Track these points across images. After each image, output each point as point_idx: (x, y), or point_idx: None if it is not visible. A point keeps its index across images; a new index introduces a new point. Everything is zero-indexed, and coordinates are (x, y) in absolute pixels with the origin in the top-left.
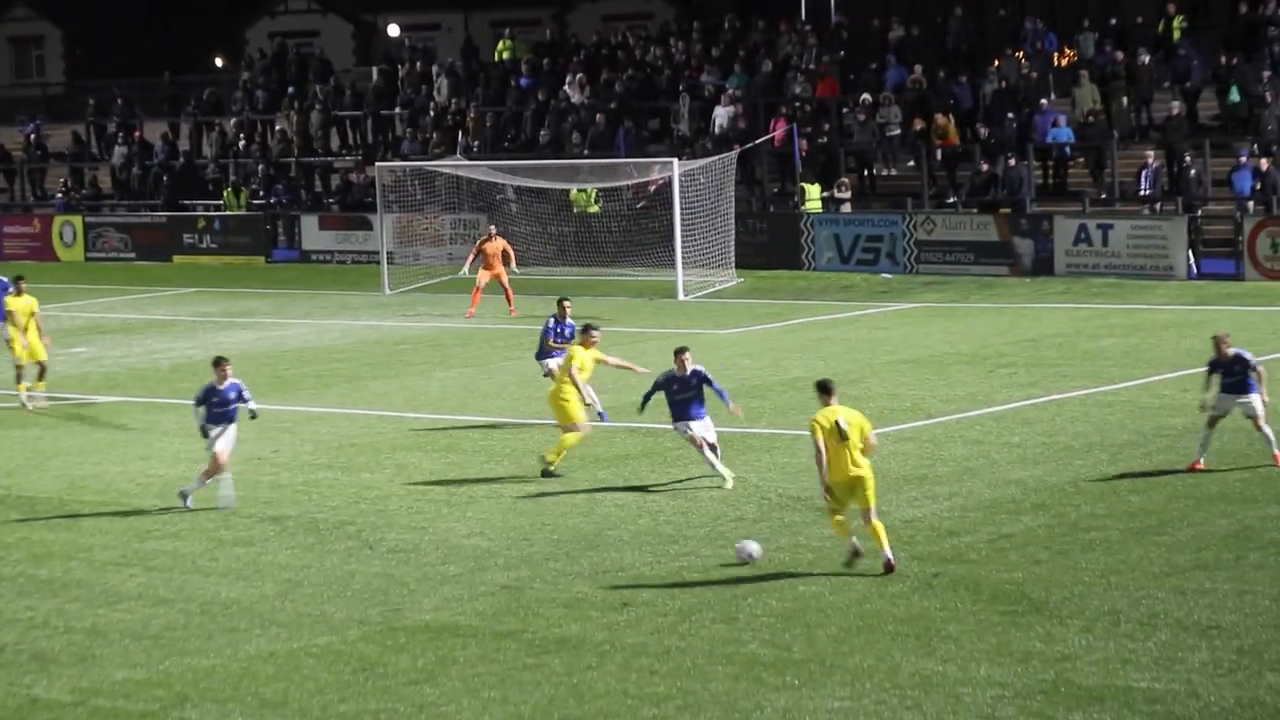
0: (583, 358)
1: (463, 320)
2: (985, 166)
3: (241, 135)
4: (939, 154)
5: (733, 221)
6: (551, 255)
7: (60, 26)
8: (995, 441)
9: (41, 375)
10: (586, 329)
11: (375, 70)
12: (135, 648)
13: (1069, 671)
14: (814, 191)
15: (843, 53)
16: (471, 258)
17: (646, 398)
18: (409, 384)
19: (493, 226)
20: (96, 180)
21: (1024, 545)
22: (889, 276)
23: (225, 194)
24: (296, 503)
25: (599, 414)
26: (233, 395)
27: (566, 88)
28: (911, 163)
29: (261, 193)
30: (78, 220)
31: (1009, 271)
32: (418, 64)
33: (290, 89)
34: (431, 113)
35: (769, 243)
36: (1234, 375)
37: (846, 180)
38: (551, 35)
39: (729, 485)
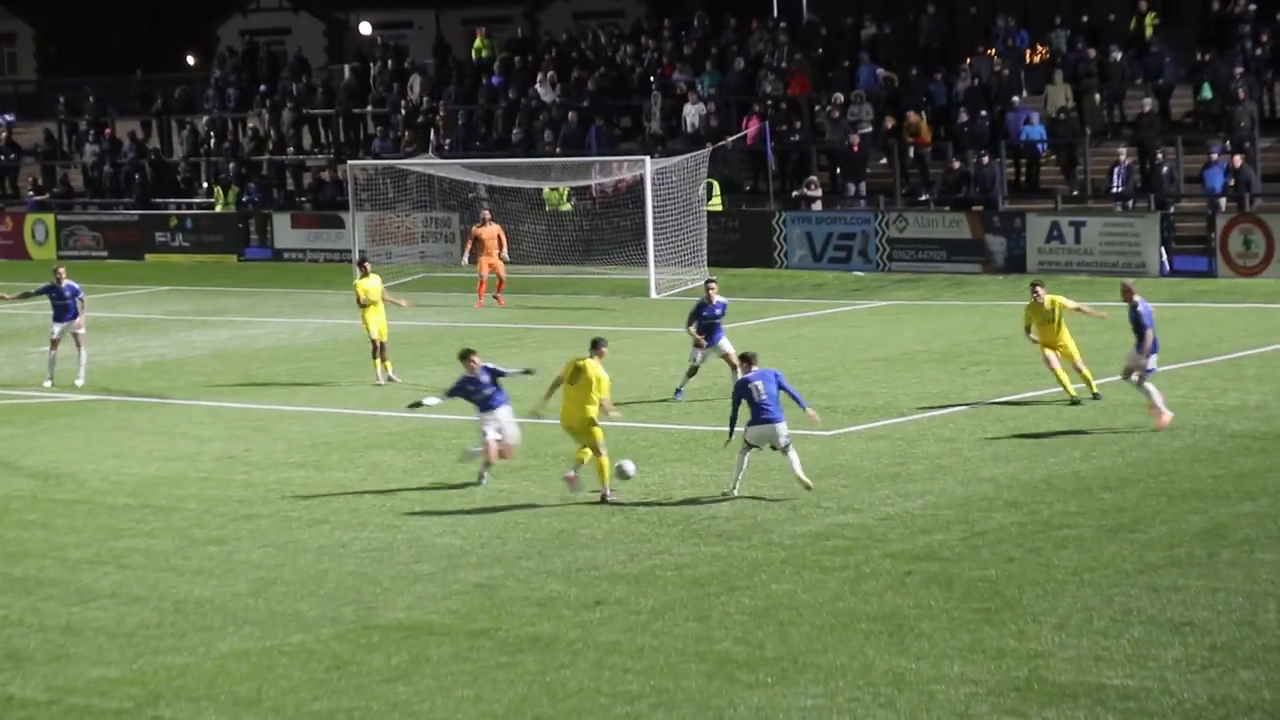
0: (597, 372)
1: (436, 318)
2: (957, 164)
3: (213, 133)
4: (911, 152)
5: (704, 219)
6: (524, 253)
7: (31, 24)
8: (968, 439)
9: None
10: (597, 343)
11: (347, 68)
12: (109, 646)
13: (1042, 669)
14: (716, 188)
15: (816, 50)
16: (469, 246)
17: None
18: (382, 383)
19: (486, 212)
20: (68, 178)
21: (997, 543)
22: (861, 274)
23: (216, 191)
24: (269, 501)
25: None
26: (487, 379)
27: (538, 86)
28: (884, 160)
29: (233, 191)
30: (49, 218)
31: (981, 269)
32: (389, 62)
33: (262, 87)
34: (403, 111)
35: (740, 241)
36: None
37: (815, 178)
38: (523, 33)
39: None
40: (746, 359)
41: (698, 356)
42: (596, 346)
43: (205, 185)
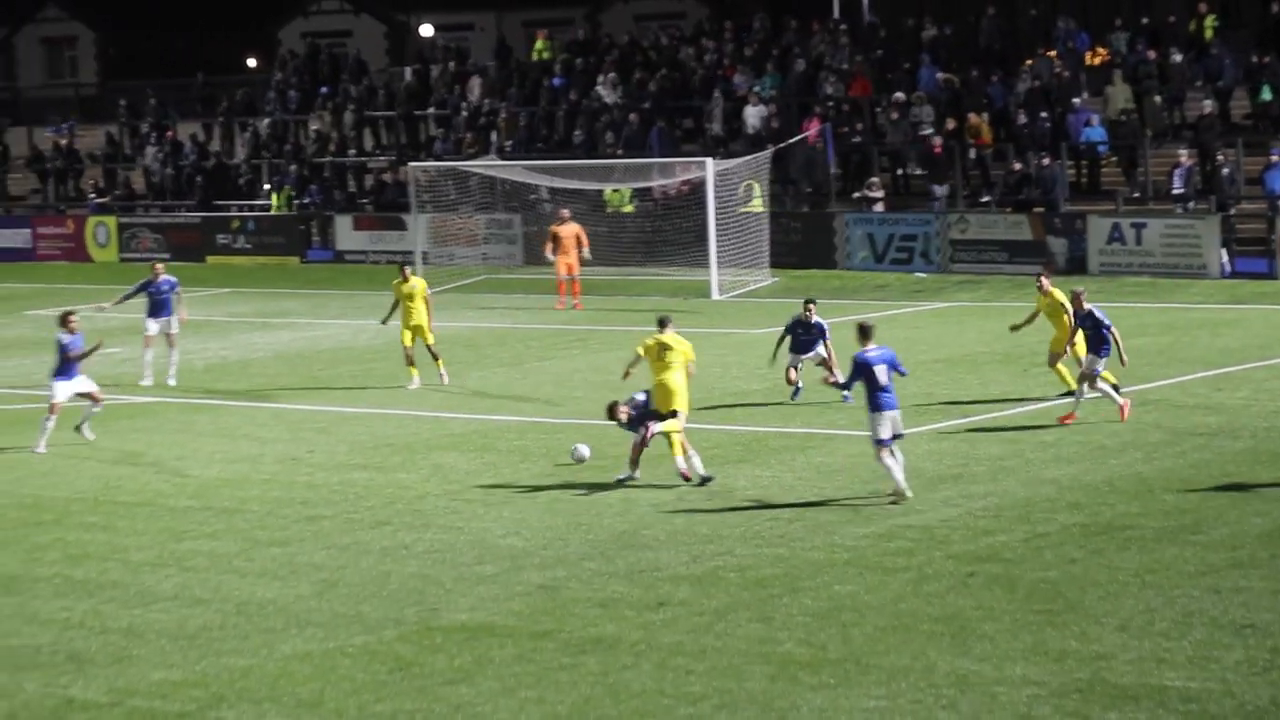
0: (681, 341)
1: (499, 320)
2: (1018, 166)
3: (274, 136)
4: (972, 153)
5: (767, 221)
6: (588, 253)
7: (92, 27)
8: (1030, 440)
9: None
10: (664, 321)
11: (408, 70)
12: (171, 648)
13: (1104, 670)
14: (757, 189)
15: (876, 52)
16: (550, 245)
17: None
18: (444, 384)
19: (565, 210)
20: (130, 181)
21: (1059, 544)
22: (923, 276)
23: (272, 196)
24: (332, 503)
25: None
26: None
27: (599, 87)
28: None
29: (295, 193)
30: (111, 221)
31: (1042, 271)
32: (450, 64)
33: (323, 89)
34: (464, 113)
35: (803, 242)
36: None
37: (877, 179)
38: (584, 35)
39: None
40: (866, 331)
41: (794, 376)
42: (665, 323)
43: (266, 187)
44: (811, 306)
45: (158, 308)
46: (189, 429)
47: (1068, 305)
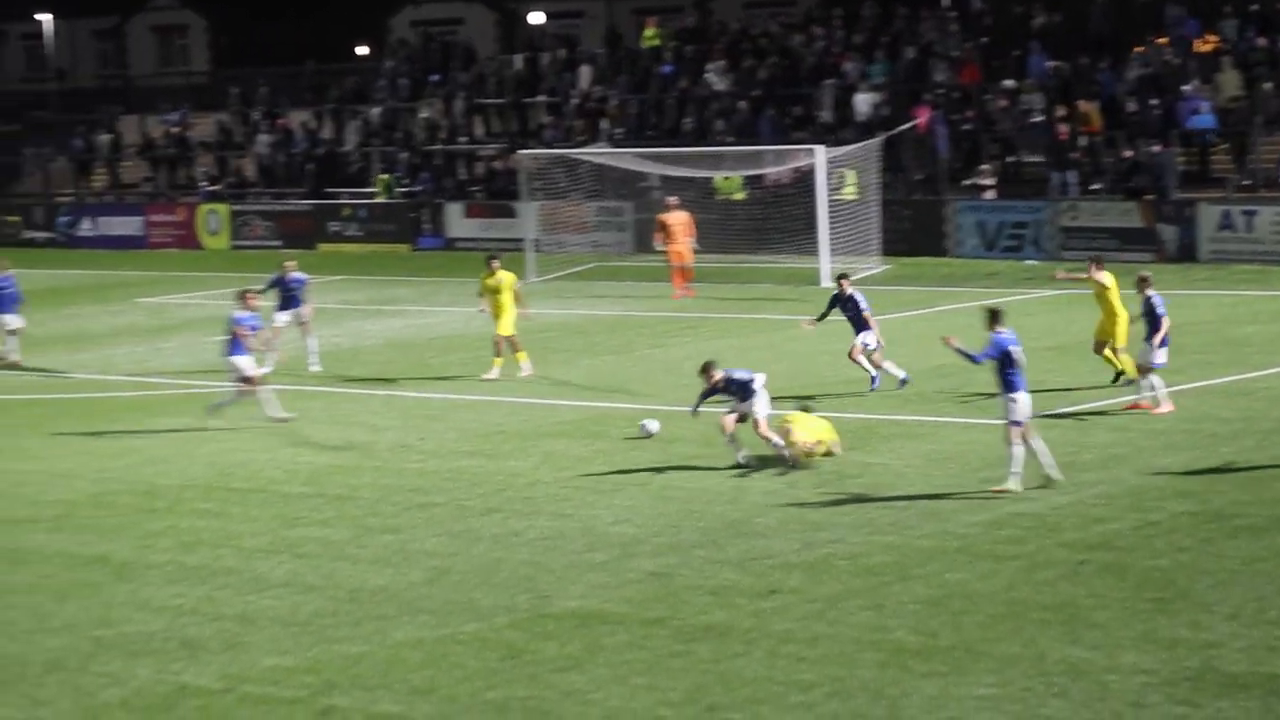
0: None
1: (609, 308)
2: (1128, 153)
3: (385, 124)
4: (1082, 140)
5: (878, 208)
6: (695, 242)
7: (204, 16)
8: (1141, 429)
9: None
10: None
11: (518, 58)
12: (284, 634)
13: (1215, 659)
14: (849, 177)
15: (985, 39)
16: (660, 234)
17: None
18: (555, 371)
19: (673, 198)
20: (241, 169)
21: (1170, 532)
22: (1033, 263)
23: (378, 181)
24: (443, 490)
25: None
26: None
27: (709, 75)
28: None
29: (406, 181)
30: (223, 209)
31: (1153, 258)
32: (560, 51)
33: (433, 77)
34: (574, 100)
35: (913, 230)
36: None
37: (988, 167)
38: (694, 22)
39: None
40: (996, 315)
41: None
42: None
43: (396, 175)
44: (844, 281)
45: (288, 301)
46: (301, 416)
47: (1111, 289)
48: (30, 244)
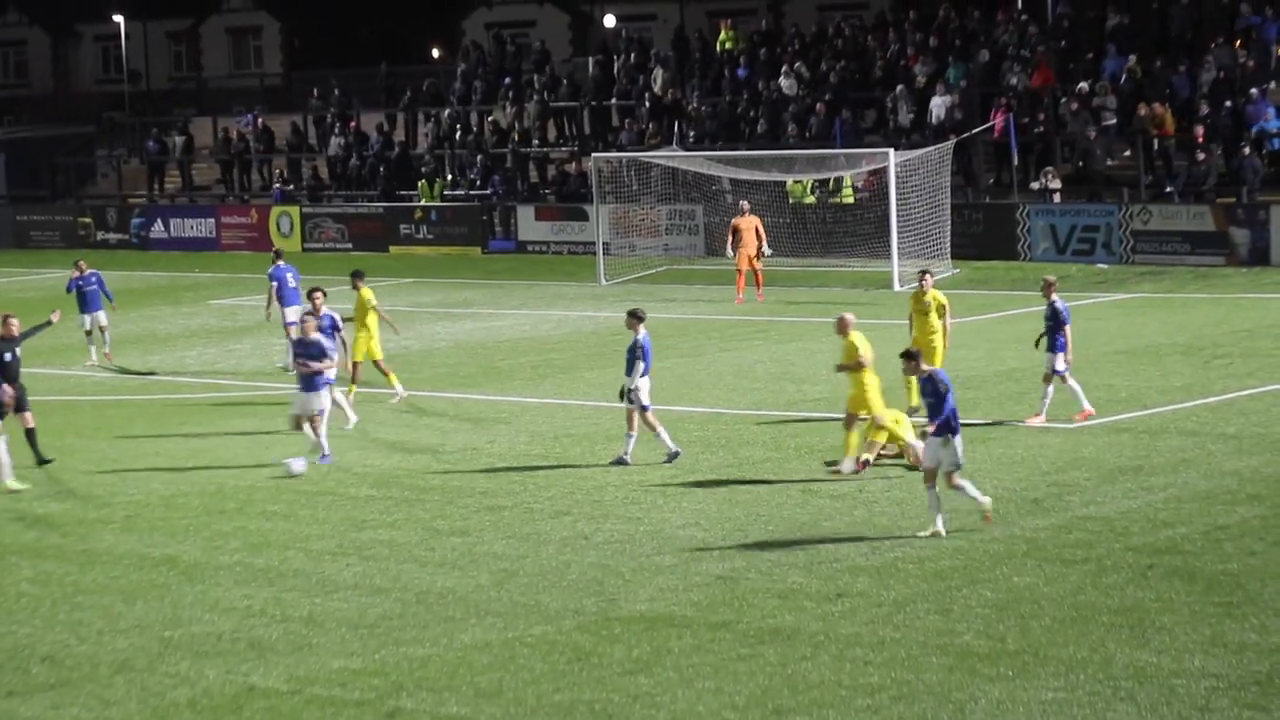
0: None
1: (680, 311)
2: (1202, 156)
3: (458, 126)
4: (1156, 144)
5: (948, 212)
6: (767, 246)
7: (277, 18)
8: (1211, 433)
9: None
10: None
11: (591, 61)
12: (351, 637)
13: None
14: (847, 181)
15: (1060, 42)
16: (731, 239)
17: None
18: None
19: (745, 203)
20: (316, 171)
21: (1239, 536)
22: (1105, 267)
23: (435, 184)
24: (512, 493)
25: None
26: None
27: (782, 78)
28: (1128, 152)
29: (478, 183)
30: (295, 211)
31: (1225, 262)
32: (633, 54)
33: (506, 80)
34: (647, 103)
35: (984, 233)
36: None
37: (1052, 169)
38: (767, 25)
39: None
40: None
41: None
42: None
43: (449, 178)
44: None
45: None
46: (370, 418)
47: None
48: (103, 245)
